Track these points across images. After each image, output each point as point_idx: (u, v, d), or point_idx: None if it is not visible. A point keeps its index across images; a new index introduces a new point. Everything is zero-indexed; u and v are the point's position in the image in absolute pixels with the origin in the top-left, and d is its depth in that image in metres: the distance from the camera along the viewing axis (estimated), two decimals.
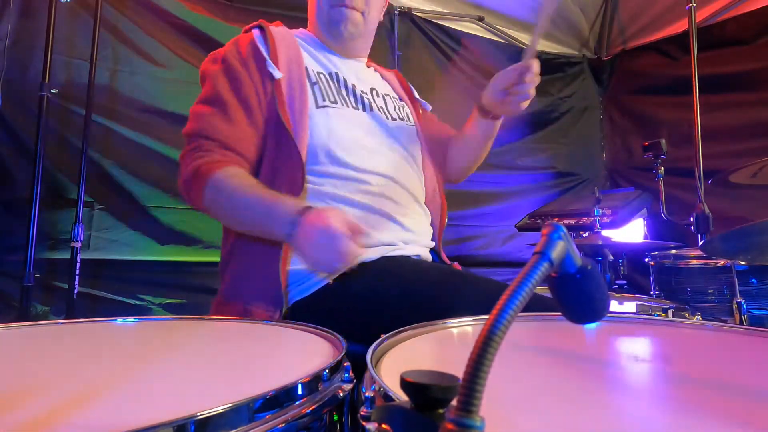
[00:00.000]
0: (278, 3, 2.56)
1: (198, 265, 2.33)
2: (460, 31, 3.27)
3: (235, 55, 1.08)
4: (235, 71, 1.06)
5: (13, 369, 0.54)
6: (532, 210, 2.79)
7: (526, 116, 3.47)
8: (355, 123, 1.11)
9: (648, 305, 1.64)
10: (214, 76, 1.07)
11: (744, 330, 0.72)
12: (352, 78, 1.18)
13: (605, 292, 0.40)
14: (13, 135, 2.01)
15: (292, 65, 1.08)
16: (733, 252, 1.60)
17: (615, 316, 0.81)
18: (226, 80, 1.06)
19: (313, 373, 0.46)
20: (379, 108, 1.17)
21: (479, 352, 0.26)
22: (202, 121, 1.04)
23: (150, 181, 2.25)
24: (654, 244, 2.36)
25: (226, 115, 1.03)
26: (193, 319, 0.84)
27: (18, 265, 1.86)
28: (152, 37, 2.30)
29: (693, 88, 2.14)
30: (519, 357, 0.58)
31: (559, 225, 0.33)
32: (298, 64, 1.10)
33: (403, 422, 0.31)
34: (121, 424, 0.35)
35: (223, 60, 1.09)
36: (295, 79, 1.07)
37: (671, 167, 2.36)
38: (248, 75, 1.06)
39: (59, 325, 0.79)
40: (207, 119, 1.03)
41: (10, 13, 1.99)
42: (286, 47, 1.10)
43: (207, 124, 1.03)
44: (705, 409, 0.41)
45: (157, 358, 0.58)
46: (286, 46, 1.10)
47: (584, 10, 3.51)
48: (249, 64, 1.07)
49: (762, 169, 1.59)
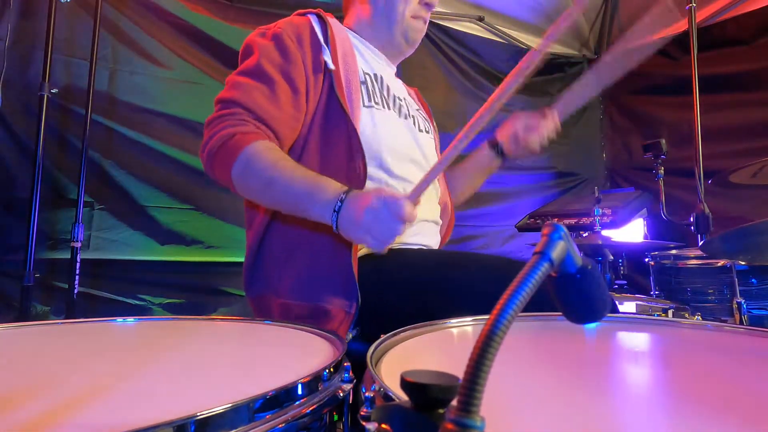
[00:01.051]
0: (278, 3, 2.56)
1: (198, 265, 2.33)
2: (460, 31, 3.27)
3: (290, 35, 1.04)
4: (288, 50, 1.02)
5: (13, 369, 0.54)
6: (532, 210, 2.79)
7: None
8: (395, 127, 1.12)
9: (648, 305, 1.64)
10: (264, 49, 1.02)
11: (744, 330, 0.72)
12: (392, 83, 1.19)
13: (605, 292, 0.40)
14: (13, 135, 2.00)
15: (347, 59, 1.07)
16: (733, 252, 1.60)
17: (615, 316, 0.81)
18: (277, 57, 1.01)
19: (313, 373, 0.46)
20: (412, 117, 1.19)
21: (479, 352, 0.26)
22: (242, 91, 0.98)
23: (150, 181, 2.25)
24: (654, 244, 2.36)
25: (269, 90, 0.98)
26: (193, 319, 0.84)
27: (18, 265, 1.86)
28: (152, 37, 2.30)
29: (693, 88, 2.14)
30: (519, 357, 0.58)
31: (559, 225, 0.33)
32: (353, 58, 1.09)
33: (403, 422, 0.31)
34: (121, 424, 0.35)
35: (276, 36, 1.04)
36: (351, 73, 1.06)
37: (671, 167, 2.36)
38: (302, 58, 1.02)
39: (59, 325, 0.79)
40: (248, 90, 0.98)
41: (10, 13, 1.99)
42: (341, 40, 1.09)
43: (247, 95, 0.97)
44: (705, 409, 0.41)
45: (157, 358, 0.58)
46: (342, 39, 1.09)
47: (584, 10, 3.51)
48: (305, 48, 1.04)
49: (762, 169, 1.59)
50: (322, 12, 1.10)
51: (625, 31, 0.96)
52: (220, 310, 2.37)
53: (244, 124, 0.94)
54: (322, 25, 1.08)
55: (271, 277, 1.02)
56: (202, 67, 2.38)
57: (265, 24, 1.11)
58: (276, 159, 0.92)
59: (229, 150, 0.91)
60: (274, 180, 0.90)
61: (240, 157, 0.91)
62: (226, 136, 0.92)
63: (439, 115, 3.00)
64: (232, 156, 0.91)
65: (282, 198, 0.92)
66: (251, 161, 0.91)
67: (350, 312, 0.93)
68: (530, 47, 3.49)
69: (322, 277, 0.96)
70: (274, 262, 1.03)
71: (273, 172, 0.90)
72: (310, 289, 0.97)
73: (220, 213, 2.36)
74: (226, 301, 2.37)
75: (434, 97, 3.08)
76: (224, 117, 0.95)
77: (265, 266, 1.04)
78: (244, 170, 0.91)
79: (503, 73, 3.43)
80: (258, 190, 0.95)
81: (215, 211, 2.36)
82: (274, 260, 1.03)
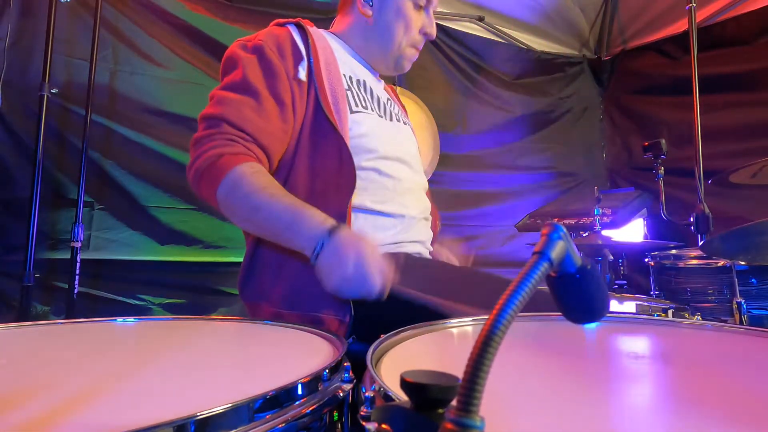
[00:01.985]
0: (278, 3, 2.56)
1: (198, 265, 2.33)
2: (460, 31, 3.27)
3: (272, 48, 1.02)
4: (271, 63, 1.01)
5: (13, 369, 0.54)
6: (532, 210, 2.79)
7: (526, 116, 3.48)
8: (383, 130, 1.12)
9: (648, 305, 1.64)
10: (248, 64, 1.00)
11: (744, 330, 0.72)
12: (374, 86, 1.19)
13: (605, 292, 0.40)
14: (13, 135, 2.01)
15: (330, 67, 1.06)
16: (733, 252, 1.60)
17: (615, 316, 0.81)
18: (261, 71, 1.00)
19: (313, 373, 0.46)
20: (396, 117, 1.20)
21: (479, 352, 0.26)
22: (230, 106, 0.95)
23: (150, 181, 2.25)
24: (654, 244, 2.36)
25: (257, 104, 0.96)
26: (193, 319, 0.84)
27: (18, 265, 1.86)
28: (152, 37, 2.30)
29: (693, 88, 2.14)
30: (519, 357, 0.58)
31: (558, 225, 0.33)
32: (335, 66, 1.08)
33: (402, 422, 0.31)
34: (121, 424, 0.35)
35: (258, 49, 1.02)
36: (335, 81, 1.05)
37: (671, 167, 2.35)
38: (285, 71, 1.01)
39: (59, 325, 0.79)
40: (235, 106, 0.95)
41: (10, 13, 1.99)
42: (322, 49, 1.08)
43: (235, 110, 0.95)
44: (705, 409, 0.41)
45: (157, 358, 0.58)
46: (323, 48, 1.08)
47: (584, 10, 3.51)
48: (287, 59, 1.03)
49: (762, 169, 1.59)
50: (301, 21, 1.10)
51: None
52: (220, 310, 2.37)
53: (231, 144, 0.92)
54: (303, 35, 1.07)
55: (263, 286, 1.01)
56: (202, 67, 2.38)
57: (264, 24, 1.11)
58: (260, 185, 0.90)
59: (216, 171, 0.90)
60: (257, 207, 0.89)
61: (226, 179, 0.89)
62: (213, 156, 0.91)
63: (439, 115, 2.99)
64: (218, 177, 0.90)
65: (267, 227, 0.92)
66: (237, 184, 0.89)
67: (344, 321, 0.91)
68: (530, 47, 3.50)
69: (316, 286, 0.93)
70: (268, 270, 1.01)
71: (257, 198, 0.89)
72: (304, 298, 0.95)
73: (220, 213, 2.35)
74: (226, 301, 2.37)
75: (434, 97, 3.08)
76: (212, 136, 0.93)
77: (259, 274, 1.03)
78: (230, 193, 0.90)
79: (503, 73, 3.44)
80: (242, 216, 0.94)
81: (215, 211, 2.33)
82: (268, 268, 1.02)
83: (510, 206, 3.33)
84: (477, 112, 3.30)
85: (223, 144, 0.92)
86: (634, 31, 3.49)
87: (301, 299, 0.95)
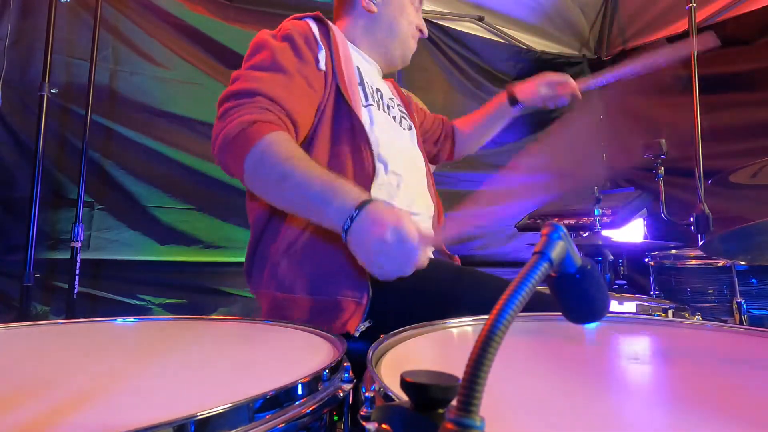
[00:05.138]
0: (278, 3, 2.56)
1: (198, 265, 2.33)
2: (461, 31, 3.27)
3: (300, 37, 1.03)
4: (301, 50, 1.01)
5: (13, 369, 0.54)
6: (532, 210, 2.78)
7: (526, 116, 3.47)
8: (390, 127, 1.15)
9: (648, 305, 1.63)
10: (278, 48, 1.00)
11: (744, 330, 0.72)
12: (381, 86, 1.22)
13: (605, 292, 0.40)
14: (13, 135, 2.01)
15: (348, 61, 1.10)
16: (733, 252, 1.60)
17: (615, 316, 0.81)
18: (292, 54, 1.00)
19: (313, 373, 0.46)
20: (400, 118, 1.23)
21: (479, 352, 0.26)
22: (262, 82, 0.93)
23: (150, 181, 2.25)
24: (654, 244, 2.36)
25: (290, 83, 0.96)
26: (193, 319, 0.84)
27: (18, 265, 1.86)
28: (152, 37, 2.30)
29: (693, 88, 2.14)
30: (519, 357, 0.58)
31: (558, 225, 0.33)
32: (350, 59, 1.11)
33: (403, 422, 0.31)
34: (121, 424, 0.35)
35: (288, 38, 1.02)
36: (351, 74, 1.08)
37: (671, 167, 2.36)
38: (313, 59, 1.03)
39: (59, 325, 0.79)
40: (265, 81, 0.94)
41: (10, 13, 1.99)
42: (342, 40, 1.12)
43: (265, 84, 0.93)
44: (705, 409, 0.41)
45: (157, 358, 0.58)
46: (342, 40, 1.12)
47: (584, 10, 3.51)
48: (313, 48, 1.04)
49: (762, 169, 1.59)
50: (321, 15, 1.11)
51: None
52: (220, 310, 2.37)
53: (265, 111, 0.89)
54: (322, 27, 1.10)
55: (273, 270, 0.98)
56: (201, 67, 2.38)
57: (264, 24, 1.12)
58: (290, 153, 0.86)
59: (247, 137, 0.85)
60: (286, 176, 0.84)
61: (256, 146, 0.85)
62: (245, 122, 0.87)
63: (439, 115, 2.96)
64: (248, 144, 0.85)
65: (295, 198, 0.86)
66: (268, 152, 0.85)
67: (361, 303, 0.89)
68: (530, 47, 3.49)
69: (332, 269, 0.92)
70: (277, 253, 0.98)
71: (287, 167, 0.84)
72: (320, 281, 0.93)
73: (220, 213, 2.36)
74: (226, 301, 2.37)
75: (434, 97, 3.08)
76: (243, 105, 0.90)
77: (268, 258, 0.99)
78: (257, 165, 0.86)
79: (503, 73, 3.44)
80: (270, 187, 0.88)
81: (215, 211, 2.36)
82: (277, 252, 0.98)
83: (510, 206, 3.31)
84: None
85: (257, 111, 0.89)
86: (634, 31, 3.49)
87: (315, 282, 0.93)
